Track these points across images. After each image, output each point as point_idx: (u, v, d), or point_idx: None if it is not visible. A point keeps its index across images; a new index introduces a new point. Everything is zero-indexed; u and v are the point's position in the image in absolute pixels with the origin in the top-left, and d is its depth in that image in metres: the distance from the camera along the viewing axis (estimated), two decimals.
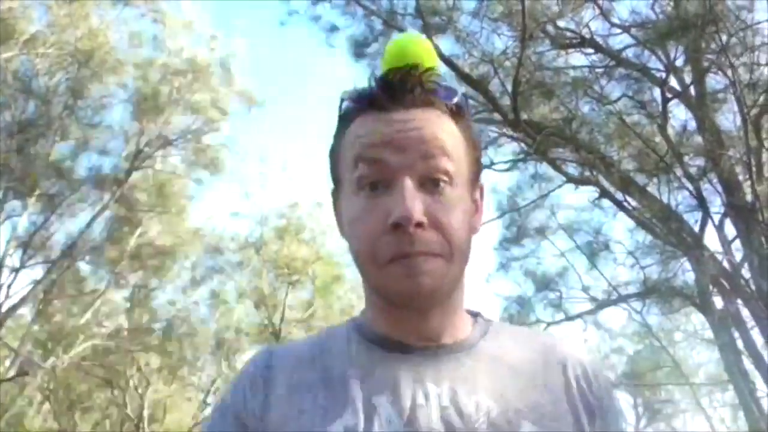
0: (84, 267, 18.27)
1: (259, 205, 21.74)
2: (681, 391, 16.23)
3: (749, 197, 9.18)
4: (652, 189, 10.31)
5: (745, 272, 9.55)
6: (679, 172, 9.82)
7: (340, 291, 22.23)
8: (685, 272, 11.19)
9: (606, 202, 11.50)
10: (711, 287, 9.82)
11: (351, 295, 22.31)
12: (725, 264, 9.88)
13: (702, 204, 9.83)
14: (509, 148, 12.27)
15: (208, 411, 24.99)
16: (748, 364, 10.54)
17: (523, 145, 11.52)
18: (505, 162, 12.21)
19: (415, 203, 0.84)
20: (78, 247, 15.15)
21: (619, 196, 10.80)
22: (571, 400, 0.90)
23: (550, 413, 0.87)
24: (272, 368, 0.92)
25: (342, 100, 0.94)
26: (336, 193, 1.01)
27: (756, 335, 9.88)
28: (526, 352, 0.93)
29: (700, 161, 10.06)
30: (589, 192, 11.83)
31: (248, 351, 23.69)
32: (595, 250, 12.38)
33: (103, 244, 16.19)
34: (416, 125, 0.86)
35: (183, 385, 24.53)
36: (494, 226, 14.00)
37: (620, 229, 14.33)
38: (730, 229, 10.48)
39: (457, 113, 0.92)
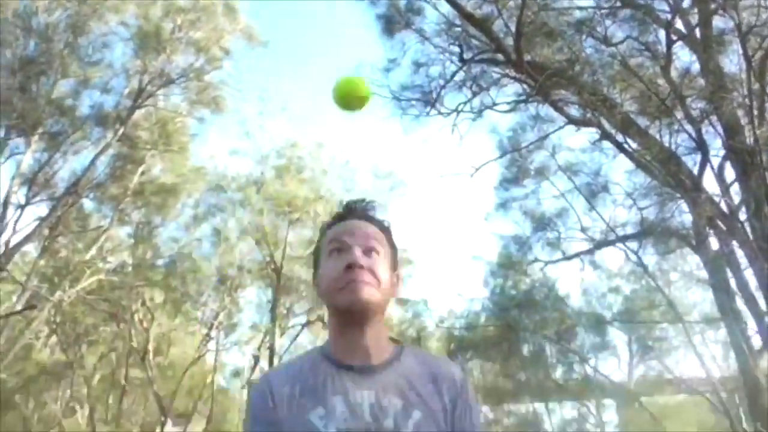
0: (88, 204, 18.47)
1: (259, 145, 21.64)
2: (674, 330, 16.61)
3: (749, 141, 9.25)
4: (652, 131, 10.38)
5: (742, 215, 9.70)
6: (680, 114, 9.87)
7: None
8: (682, 214, 11.36)
9: (606, 144, 11.60)
10: (707, 229, 9.99)
11: None
12: (722, 206, 10.02)
13: (702, 147, 9.91)
14: (511, 89, 12.28)
15: (211, 344, 25.57)
16: (740, 304, 10.81)
17: (525, 86, 11.52)
18: (507, 103, 12.24)
19: (360, 256, 1.51)
20: (82, 185, 15.26)
21: (619, 138, 10.87)
22: (442, 398, 1.50)
23: (430, 406, 1.48)
24: (271, 388, 1.50)
25: (323, 225, 1.63)
26: (315, 273, 1.62)
27: (749, 276, 10.12)
28: (421, 368, 1.53)
29: (701, 104, 10.09)
30: (590, 134, 11.92)
31: (250, 287, 24.10)
32: (594, 191, 12.50)
33: (106, 181, 16.31)
34: (361, 226, 1.57)
35: (186, 320, 24.97)
36: (494, 167, 14.12)
37: (619, 170, 14.43)
38: (729, 173, 10.60)
39: (383, 228, 1.61)
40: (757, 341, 10.63)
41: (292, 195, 20.61)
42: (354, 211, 1.60)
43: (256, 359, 22.98)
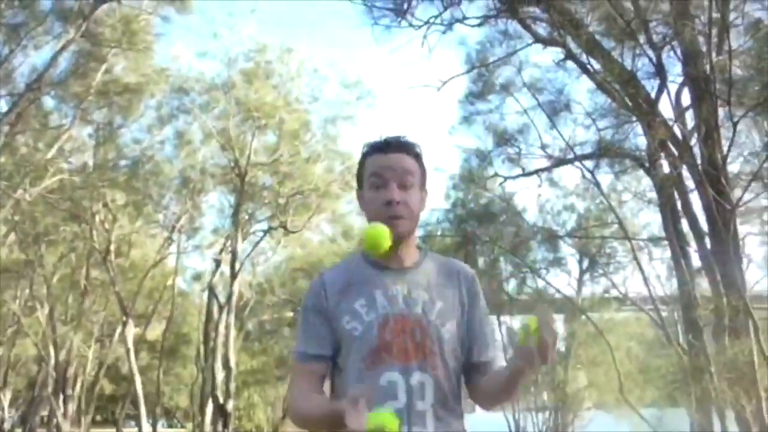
0: (49, 102, 18.13)
1: (227, 47, 21.22)
2: (623, 249, 17.30)
3: (707, 69, 9.56)
4: (615, 54, 10.61)
5: (693, 141, 10.12)
6: (643, 39, 10.10)
7: (306, 137, 22.46)
8: (637, 136, 11.76)
9: (570, 64, 11.80)
10: (660, 152, 10.40)
11: (317, 145, 22.62)
12: (676, 131, 10.43)
13: (661, 72, 10.21)
14: (481, 3, 12.30)
15: (173, 247, 25.78)
16: (685, 225, 11.40)
17: (495, 1, 11.57)
18: (477, 17, 12.28)
19: (397, 193, 1.76)
20: (43, 81, 14.96)
21: (583, 58, 11.08)
22: (460, 291, 1.82)
23: (450, 297, 1.80)
24: (325, 284, 1.81)
25: (364, 147, 1.86)
26: (359, 190, 1.88)
27: (695, 199, 10.64)
28: (440, 268, 1.84)
29: (664, 30, 10.32)
30: (556, 53, 12.09)
31: (212, 191, 24.17)
32: (556, 109, 12.74)
33: (68, 78, 15.98)
34: (398, 160, 1.80)
35: (148, 222, 25.02)
36: (461, 81, 14.25)
37: (581, 91, 14.71)
38: (685, 99, 10.97)
39: (416, 155, 1.85)
40: (696, 261, 11.29)
41: (260, 101, 20.45)
42: (392, 145, 1.81)
43: (218, 263, 23.32)
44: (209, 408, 21.30)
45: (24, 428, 30.10)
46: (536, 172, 13.87)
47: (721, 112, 9.76)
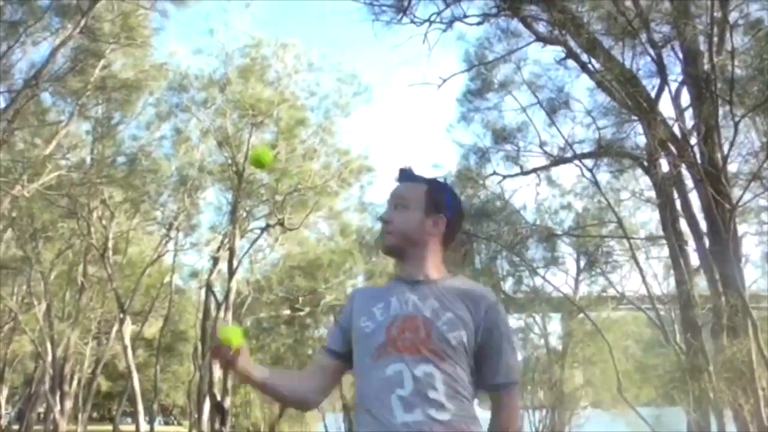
0: (47, 98, 18.08)
1: (223, 43, 21.18)
2: (620, 247, 17.30)
3: (707, 68, 9.56)
4: (616, 53, 10.61)
5: (693, 140, 10.12)
6: (644, 38, 10.09)
7: (303, 134, 22.44)
8: (637, 135, 11.75)
9: (571, 63, 11.79)
10: (659, 151, 10.40)
11: (314, 139, 22.59)
12: (675, 130, 10.43)
13: (661, 71, 10.21)
14: (482, 2, 12.29)
15: (170, 245, 25.76)
16: (683, 225, 11.41)
17: None
18: (477, 15, 12.27)
19: (389, 213, 1.99)
20: (41, 77, 14.91)
21: (584, 57, 11.08)
22: (478, 314, 1.84)
23: (464, 314, 1.82)
24: (355, 295, 2.03)
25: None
26: None
27: (694, 198, 10.65)
28: (458, 288, 1.90)
29: (665, 28, 10.31)
30: (556, 51, 12.08)
31: (210, 188, 24.16)
32: (555, 107, 12.69)
33: (66, 74, 15.93)
34: (399, 188, 2.02)
35: (145, 219, 25.00)
36: (460, 79, 14.23)
37: (581, 89, 14.69)
38: (684, 99, 10.97)
39: (420, 185, 2.01)
40: (695, 260, 11.31)
41: (256, 97, 20.42)
42: (398, 175, 2.05)
43: (215, 261, 23.30)
44: (206, 405, 21.27)
45: (21, 425, 30.06)
46: (535, 170, 13.86)
47: (721, 111, 9.78)
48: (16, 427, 31.46)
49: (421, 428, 1.69)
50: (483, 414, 1.86)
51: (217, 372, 20.54)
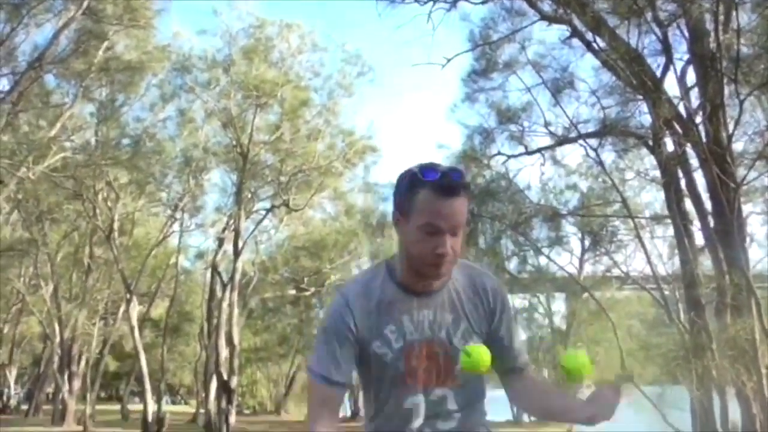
0: (50, 80, 18.07)
1: (227, 24, 21.06)
2: (625, 227, 17.29)
3: (713, 47, 9.51)
4: (621, 32, 10.54)
5: (698, 119, 10.08)
6: (650, 16, 10.03)
7: (307, 115, 22.40)
8: (642, 114, 11.70)
9: (576, 42, 11.73)
10: (664, 129, 10.37)
11: (318, 119, 22.56)
12: (681, 109, 10.39)
13: (666, 49, 10.15)
14: None
15: (175, 226, 25.84)
16: (688, 204, 11.40)
17: None
18: None
19: (449, 244, 1.68)
20: (44, 59, 14.90)
21: (589, 36, 11.02)
22: (487, 307, 1.83)
23: (475, 314, 1.81)
24: (350, 305, 1.78)
25: (415, 173, 1.71)
26: (400, 215, 1.76)
27: (698, 177, 10.63)
28: (466, 282, 1.84)
29: (671, 6, 10.24)
30: (561, 30, 12.02)
31: (214, 170, 24.18)
32: (560, 86, 12.64)
33: (70, 56, 15.91)
34: (453, 207, 1.68)
35: (151, 201, 25.07)
36: (464, 59, 14.18)
37: (586, 68, 14.64)
38: (690, 78, 10.91)
39: (469, 193, 1.77)
40: (699, 240, 11.31)
41: (260, 78, 20.35)
42: (451, 190, 1.69)
43: (221, 242, 23.38)
44: (213, 385, 21.46)
45: (30, 404, 30.41)
46: (539, 150, 13.84)
47: (727, 91, 9.73)
48: (25, 406, 31.82)
49: None
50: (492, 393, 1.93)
51: (223, 352, 20.70)
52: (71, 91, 18.73)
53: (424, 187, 1.68)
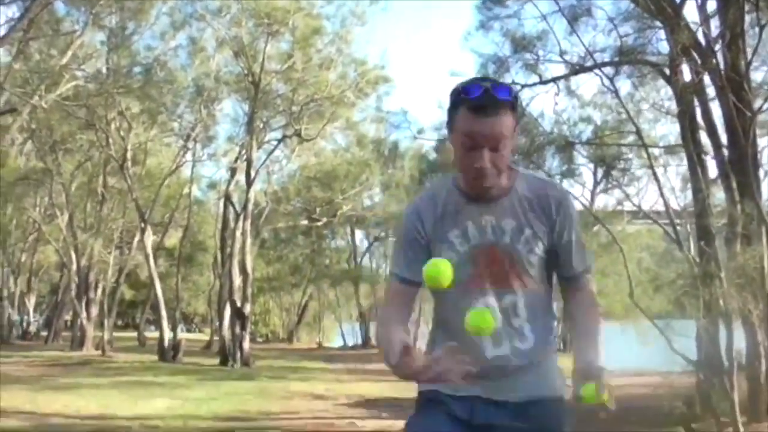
0: (61, 8, 17.90)
1: None
2: (638, 161, 17.16)
3: None
4: None
5: (717, 47, 9.91)
6: None
7: (319, 43, 22.12)
8: (659, 41, 11.50)
9: None
10: (681, 57, 10.20)
11: (330, 48, 22.29)
12: (699, 36, 10.20)
13: None
14: None
15: (188, 156, 25.94)
16: (703, 137, 11.29)
17: None
18: None
19: (487, 159, 1.74)
20: None
21: None
22: (549, 215, 1.87)
23: (538, 222, 1.86)
24: (420, 214, 1.91)
25: (459, 90, 1.78)
26: (449, 129, 1.85)
27: (715, 107, 10.51)
28: (530, 192, 1.88)
29: None
30: None
31: (226, 99, 24.09)
32: (577, 14, 12.37)
33: None
34: (494, 125, 1.73)
35: (163, 131, 25.09)
36: None
37: None
38: (711, 5, 10.67)
39: (514, 106, 1.79)
40: (712, 172, 11.24)
41: (272, 6, 20.02)
42: (488, 107, 1.72)
43: (233, 172, 23.49)
44: (227, 312, 21.91)
45: (49, 331, 31.23)
46: (554, 79, 13.65)
47: (748, 19, 9.51)
48: (44, 333, 32.69)
49: (508, 362, 1.86)
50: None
51: (237, 280, 21.05)
52: (81, 19, 18.57)
53: (463, 105, 1.76)
